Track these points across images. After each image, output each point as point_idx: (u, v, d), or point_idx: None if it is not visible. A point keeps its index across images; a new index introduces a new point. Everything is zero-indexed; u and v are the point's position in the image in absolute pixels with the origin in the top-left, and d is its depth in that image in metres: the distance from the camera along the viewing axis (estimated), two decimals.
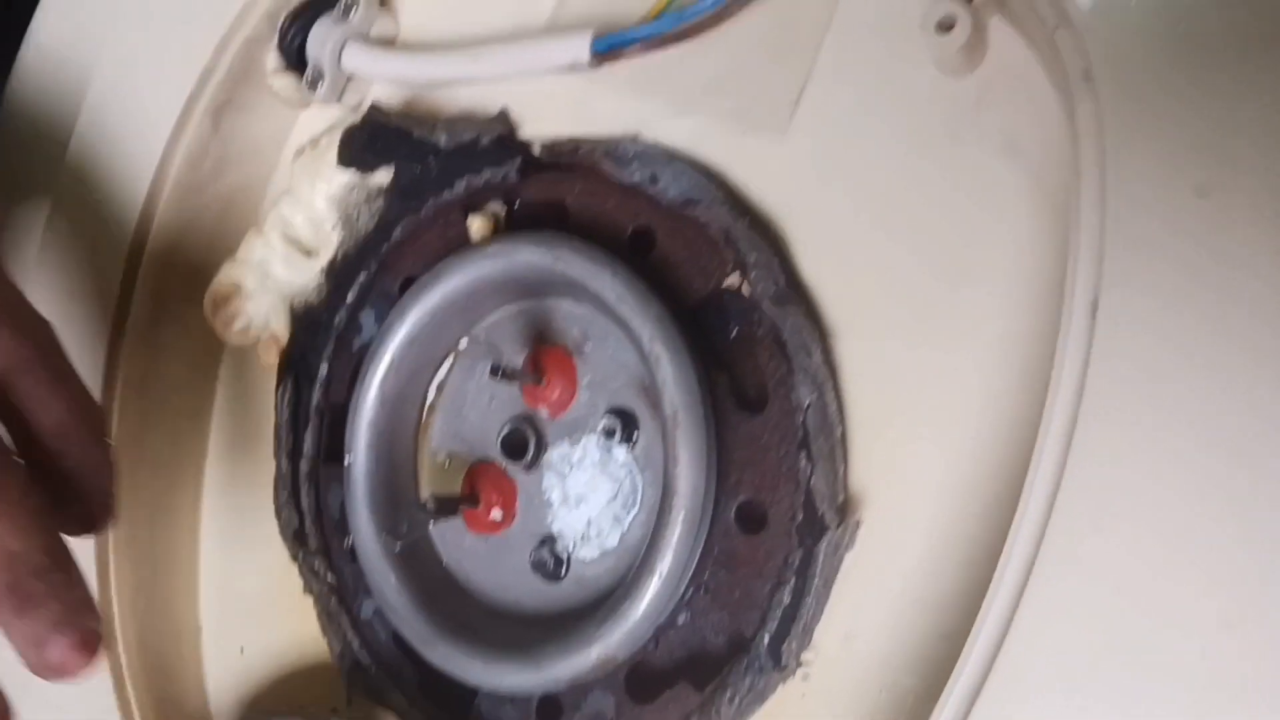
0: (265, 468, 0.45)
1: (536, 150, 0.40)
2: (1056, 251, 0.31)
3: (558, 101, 0.40)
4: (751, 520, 0.34)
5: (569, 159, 0.40)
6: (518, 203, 0.41)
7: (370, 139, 0.42)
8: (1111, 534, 0.27)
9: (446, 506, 0.38)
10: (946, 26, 0.32)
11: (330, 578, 0.43)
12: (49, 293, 0.47)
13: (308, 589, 0.44)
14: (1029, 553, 0.28)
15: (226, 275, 0.45)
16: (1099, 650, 0.27)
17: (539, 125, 0.41)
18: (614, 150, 0.38)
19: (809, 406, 0.33)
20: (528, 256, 0.37)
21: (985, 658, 0.28)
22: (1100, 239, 0.28)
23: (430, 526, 0.39)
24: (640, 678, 0.36)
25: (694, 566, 0.35)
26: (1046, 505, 0.27)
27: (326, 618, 0.43)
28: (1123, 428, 0.27)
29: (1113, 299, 0.27)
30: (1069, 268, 0.28)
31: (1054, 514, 0.27)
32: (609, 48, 0.37)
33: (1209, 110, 0.27)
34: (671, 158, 0.37)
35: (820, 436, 0.33)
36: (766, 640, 0.33)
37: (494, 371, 0.38)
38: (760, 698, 0.33)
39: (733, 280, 0.36)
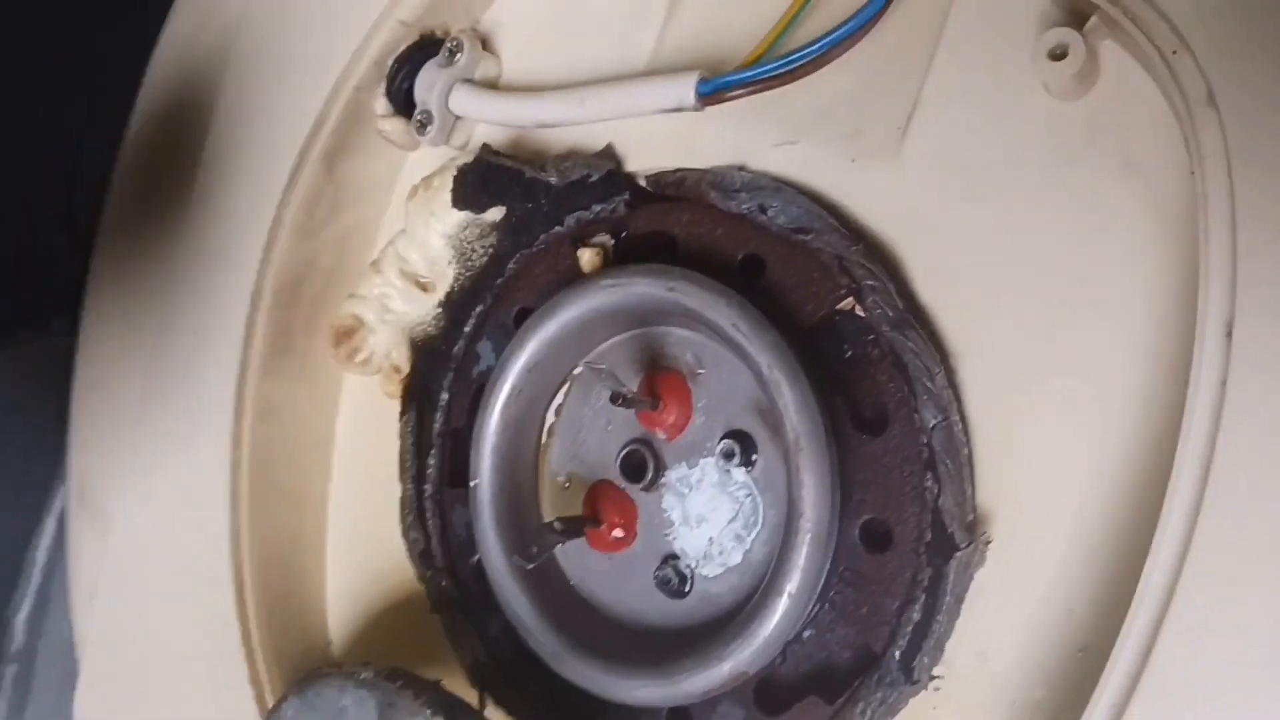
0: (386, 492, 0.45)
1: (642, 183, 0.40)
2: (1181, 269, 0.30)
3: (661, 136, 0.40)
4: (876, 539, 0.34)
5: (675, 190, 0.39)
6: (625, 234, 0.40)
7: (483, 179, 0.41)
8: (1259, 549, 0.26)
9: (573, 527, 0.38)
10: (1059, 55, 0.31)
11: (458, 594, 0.42)
12: (182, 331, 0.48)
13: (435, 607, 0.43)
14: (1173, 565, 0.27)
15: (348, 310, 0.45)
16: (1251, 666, 0.26)
17: (643, 159, 0.41)
18: (720, 180, 0.38)
19: (934, 428, 0.32)
20: (642, 288, 0.37)
21: (1130, 672, 0.27)
22: (1232, 259, 0.27)
23: (558, 546, 0.39)
24: (769, 690, 0.35)
25: (820, 584, 0.34)
26: (1189, 518, 0.27)
27: (455, 633, 0.43)
28: (1265, 446, 0.26)
29: (1248, 319, 0.26)
30: (1200, 289, 0.27)
31: (1198, 527, 0.26)
32: (714, 90, 0.37)
33: None
34: (780, 186, 0.36)
35: (947, 457, 0.32)
36: (898, 656, 0.32)
37: (614, 399, 0.37)
38: (891, 710, 0.33)
39: (845, 304, 0.35)
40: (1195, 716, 0.26)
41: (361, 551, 0.47)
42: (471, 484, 0.40)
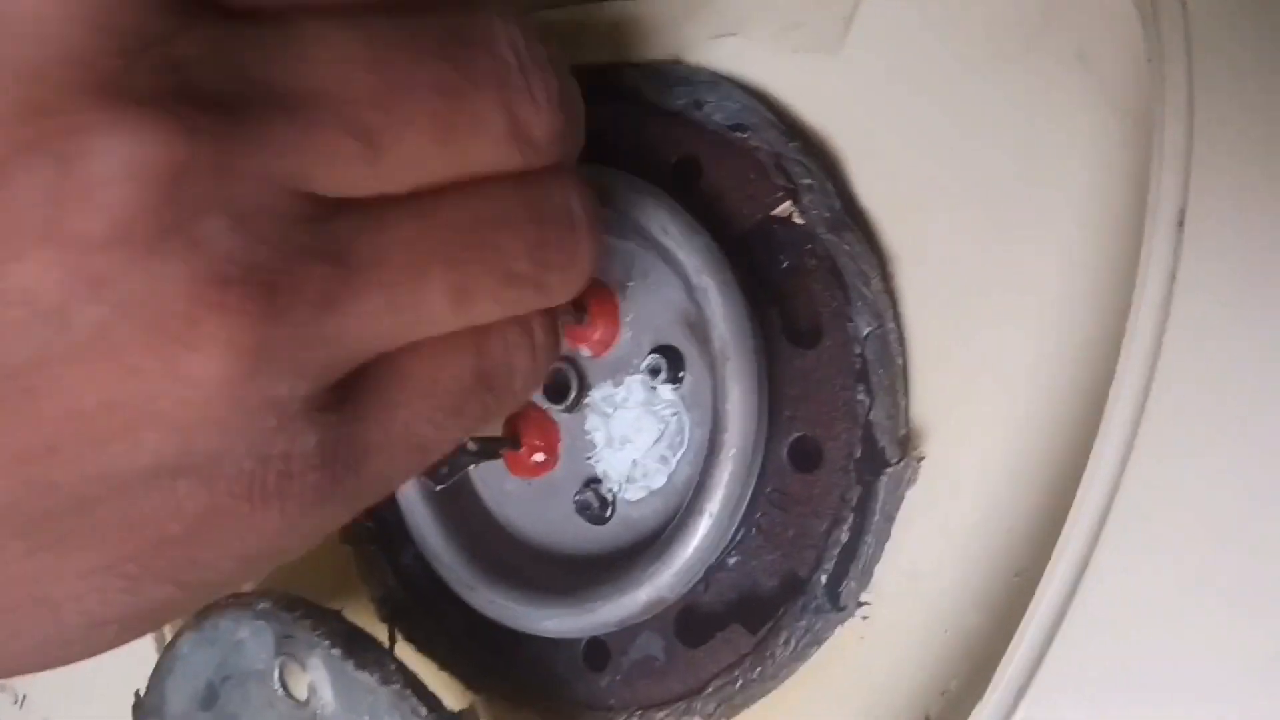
0: None
1: None
2: (1131, 165, 0.28)
3: (593, 31, 0.37)
4: (806, 458, 0.31)
5: (610, 89, 0.37)
6: None
7: None
8: (1200, 461, 0.24)
9: (488, 448, 0.36)
10: None
11: (370, 525, 0.40)
12: None
13: (346, 537, 0.41)
14: (1110, 481, 0.25)
15: None
16: (1187, 584, 0.24)
17: (575, 55, 0.38)
18: (655, 75, 0.35)
19: (868, 337, 0.30)
20: None
21: (1063, 593, 0.25)
22: (1187, 146, 0.25)
23: (471, 468, 0.37)
24: (690, 620, 0.33)
25: (745, 507, 0.32)
26: (1129, 430, 0.25)
27: (366, 565, 0.40)
28: (1213, 345, 0.24)
29: (1201, 209, 0.24)
30: (1152, 178, 0.25)
31: (1138, 438, 0.24)
32: None
33: None
34: (717, 80, 0.34)
35: (880, 368, 0.30)
36: (824, 580, 0.30)
37: None
38: (817, 640, 0.31)
39: (782, 209, 0.33)
40: (1129, 637, 0.24)
41: None
42: None
